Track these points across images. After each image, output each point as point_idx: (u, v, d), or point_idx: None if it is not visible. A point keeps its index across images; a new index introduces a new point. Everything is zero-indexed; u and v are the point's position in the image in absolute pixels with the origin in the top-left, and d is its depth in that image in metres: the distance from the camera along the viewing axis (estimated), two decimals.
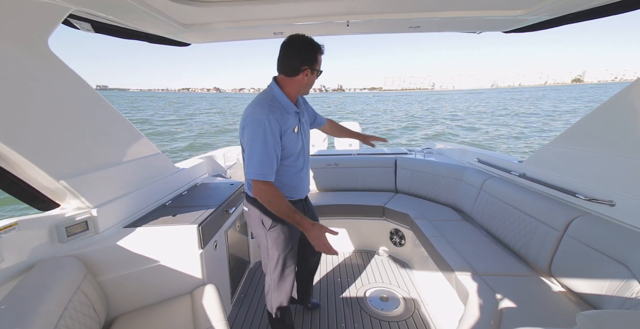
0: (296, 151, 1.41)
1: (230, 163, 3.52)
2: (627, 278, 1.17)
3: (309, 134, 1.54)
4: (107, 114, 1.58)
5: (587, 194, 1.62)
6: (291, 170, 1.43)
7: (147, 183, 1.81)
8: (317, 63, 1.32)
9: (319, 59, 1.33)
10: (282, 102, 1.33)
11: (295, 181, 1.47)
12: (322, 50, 1.33)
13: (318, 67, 1.34)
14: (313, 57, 1.30)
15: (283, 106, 1.33)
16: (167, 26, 1.62)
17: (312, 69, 1.31)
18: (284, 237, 1.46)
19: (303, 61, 1.29)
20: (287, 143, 1.34)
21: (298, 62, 1.28)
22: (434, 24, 1.85)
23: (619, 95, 1.51)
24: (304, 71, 1.30)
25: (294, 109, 1.38)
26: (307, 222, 1.25)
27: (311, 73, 1.33)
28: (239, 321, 1.98)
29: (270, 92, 1.35)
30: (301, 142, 1.44)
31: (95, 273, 1.33)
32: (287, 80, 1.34)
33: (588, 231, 1.45)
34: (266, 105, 1.27)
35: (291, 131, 1.35)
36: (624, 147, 1.48)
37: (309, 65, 1.30)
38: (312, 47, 1.28)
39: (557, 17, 1.64)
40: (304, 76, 1.32)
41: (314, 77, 1.36)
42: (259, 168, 1.24)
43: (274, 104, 1.30)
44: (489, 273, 1.67)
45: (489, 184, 2.32)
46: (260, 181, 1.25)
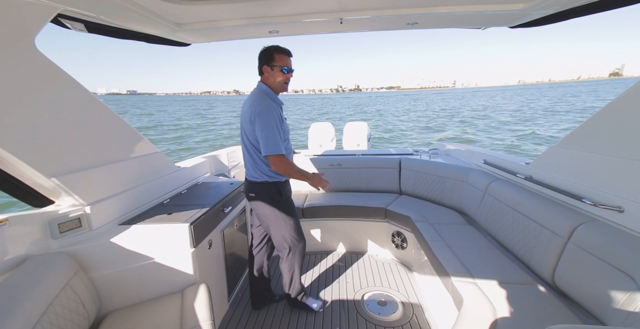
0: (288, 136, 1.75)
1: (234, 163, 3.57)
2: (632, 290, 1.08)
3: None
4: (100, 113, 1.60)
5: (594, 199, 1.51)
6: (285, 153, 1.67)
7: (144, 182, 1.84)
8: (273, 60, 1.60)
9: (275, 56, 1.60)
10: (271, 97, 1.66)
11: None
12: (282, 50, 1.60)
13: (277, 63, 1.60)
14: (268, 56, 1.61)
15: (274, 100, 1.66)
16: (161, 26, 1.64)
17: (269, 66, 1.61)
18: (292, 205, 1.88)
19: (261, 62, 1.64)
20: (284, 128, 1.67)
21: (259, 64, 1.65)
22: (433, 20, 1.80)
23: (631, 91, 1.40)
24: (264, 68, 1.63)
25: (281, 103, 1.71)
26: (309, 173, 1.76)
27: (271, 69, 1.62)
28: (234, 321, 1.98)
29: (261, 91, 1.66)
30: (288, 133, 1.76)
31: (87, 269, 1.36)
32: (261, 82, 1.68)
33: (593, 239, 1.36)
34: (265, 100, 1.61)
35: (284, 119, 1.69)
36: (635, 149, 1.37)
37: (266, 63, 1.61)
38: (268, 49, 1.61)
39: (563, 11, 1.55)
40: (266, 73, 1.64)
41: (277, 72, 1.62)
42: (273, 145, 1.56)
43: (270, 98, 1.64)
44: (487, 279, 1.60)
45: (494, 187, 2.22)
46: (279, 155, 1.59)
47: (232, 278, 2.17)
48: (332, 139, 5.33)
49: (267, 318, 2.01)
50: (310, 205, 2.85)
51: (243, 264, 2.48)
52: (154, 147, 2.02)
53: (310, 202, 2.90)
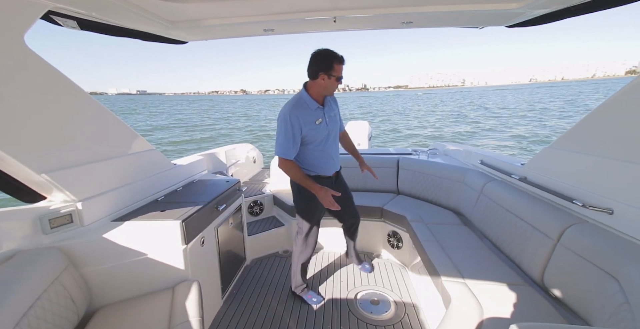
0: (319, 138, 1.81)
1: (232, 161, 3.60)
2: (615, 291, 1.08)
3: (334, 124, 1.89)
4: (93, 110, 1.61)
5: (585, 201, 1.51)
6: (315, 153, 1.85)
7: (138, 178, 1.85)
8: (332, 70, 1.67)
9: (335, 67, 1.66)
10: (306, 101, 1.76)
11: (319, 161, 1.89)
12: (340, 60, 1.66)
13: (334, 73, 1.68)
14: (327, 65, 1.66)
15: (307, 104, 1.75)
16: (155, 23, 1.65)
17: (327, 74, 1.67)
18: (313, 203, 1.91)
19: (320, 68, 1.67)
20: (309, 132, 1.75)
21: (316, 68, 1.68)
22: (428, 19, 1.79)
23: (623, 91, 1.39)
24: (320, 75, 1.68)
25: (316, 105, 1.77)
26: (316, 186, 1.76)
27: (328, 78, 1.69)
28: (227, 317, 2.00)
29: (299, 94, 1.80)
30: (326, 132, 1.83)
31: (78, 264, 1.37)
32: (311, 83, 1.76)
33: (581, 241, 1.35)
34: (291, 105, 1.73)
35: (312, 123, 1.75)
36: (626, 151, 1.36)
37: (324, 71, 1.67)
38: (328, 56, 1.65)
39: (558, 10, 1.55)
40: (322, 80, 1.69)
41: (332, 81, 1.70)
42: (281, 149, 1.74)
43: (299, 103, 1.74)
44: (477, 279, 1.60)
45: (489, 188, 2.21)
46: (282, 158, 1.76)
47: (226, 275, 2.18)
48: None
49: (260, 314, 2.03)
50: None
51: (238, 261, 2.49)
52: (149, 144, 2.04)
53: None
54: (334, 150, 1.94)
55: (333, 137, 1.90)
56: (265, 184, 3.52)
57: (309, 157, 1.85)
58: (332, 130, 1.88)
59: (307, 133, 1.75)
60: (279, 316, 2.01)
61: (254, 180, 3.83)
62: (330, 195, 1.75)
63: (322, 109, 1.81)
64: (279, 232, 2.90)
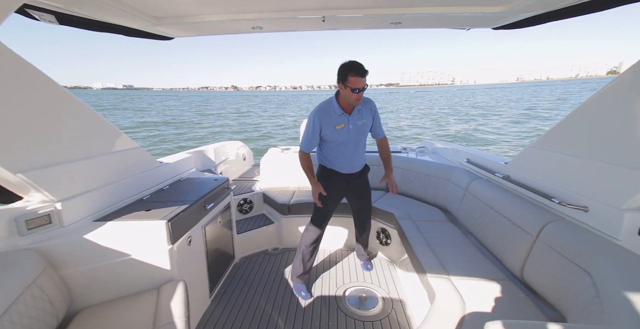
0: (338, 140, 1.97)
1: (222, 158, 3.55)
2: (588, 285, 1.13)
3: (360, 132, 2.00)
4: (72, 108, 1.55)
5: (562, 199, 1.57)
6: (333, 152, 2.03)
7: (122, 177, 1.81)
8: (347, 81, 1.75)
9: (349, 78, 1.73)
10: (332, 106, 1.91)
11: (335, 159, 2.06)
12: (356, 71, 1.71)
13: (349, 84, 1.75)
14: (343, 75, 1.76)
15: (332, 109, 1.91)
16: (138, 19, 1.60)
17: (343, 84, 1.78)
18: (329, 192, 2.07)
19: (339, 78, 1.80)
20: (328, 133, 1.94)
21: (338, 78, 1.82)
22: (416, 20, 1.82)
23: (598, 95, 1.46)
24: (339, 85, 1.82)
25: (341, 112, 1.90)
26: (312, 180, 2.04)
27: (344, 88, 1.78)
28: (215, 316, 1.99)
29: (330, 99, 1.95)
30: (345, 136, 1.96)
31: (58, 266, 1.33)
32: (337, 91, 1.92)
33: (558, 237, 1.41)
34: (319, 107, 1.93)
35: (333, 127, 1.91)
36: (600, 151, 1.43)
37: (340, 81, 1.79)
38: (345, 67, 1.75)
39: (540, 14, 1.61)
40: (341, 89, 1.82)
41: (348, 91, 1.77)
42: (302, 142, 2.03)
43: (325, 107, 1.92)
44: (461, 275, 1.64)
45: (474, 186, 2.27)
46: (300, 149, 2.04)
47: (214, 274, 2.17)
48: None
49: (249, 313, 2.03)
50: (296, 201, 2.86)
51: (227, 259, 2.47)
52: (133, 142, 1.99)
53: (297, 199, 2.91)
54: (354, 154, 2.04)
55: (354, 142, 2.00)
56: (255, 182, 3.50)
57: (328, 153, 2.06)
58: (355, 137, 1.98)
59: (326, 134, 1.94)
60: (267, 314, 2.01)
61: (243, 178, 3.79)
62: (319, 192, 2.02)
63: (347, 116, 1.92)
64: (268, 230, 2.89)
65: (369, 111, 2.01)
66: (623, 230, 1.27)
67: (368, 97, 1.99)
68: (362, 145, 2.08)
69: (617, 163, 1.34)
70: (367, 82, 1.82)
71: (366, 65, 1.73)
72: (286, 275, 2.47)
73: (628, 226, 1.26)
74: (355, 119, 1.94)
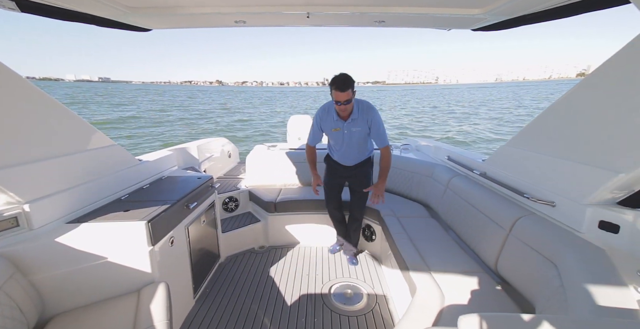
0: (333, 140, 2.28)
1: (206, 155, 3.46)
2: (554, 276, 1.21)
3: (354, 137, 2.17)
4: (40, 103, 1.46)
5: (533, 195, 1.67)
6: (331, 146, 2.37)
7: (98, 176, 1.73)
8: (331, 93, 1.98)
9: (332, 91, 1.95)
10: (330, 110, 2.16)
11: (333, 152, 2.39)
12: (336, 87, 1.91)
13: (333, 97, 1.98)
14: (330, 88, 1.98)
15: (330, 112, 2.17)
16: (109, 8, 1.51)
17: (331, 96, 2.01)
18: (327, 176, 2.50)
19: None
20: (327, 132, 2.25)
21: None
22: (399, 19, 1.85)
23: (565, 97, 1.54)
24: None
25: (336, 117, 2.14)
26: (313, 172, 2.41)
27: (332, 99, 2.02)
28: (199, 317, 1.96)
29: (330, 102, 2.14)
30: (340, 139, 2.21)
31: (27, 271, 1.27)
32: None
33: (529, 231, 1.50)
34: (322, 107, 2.22)
35: (329, 128, 2.19)
36: (566, 150, 1.53)
37: (330, 93, 2.00)
38: (330, 81, 1.96)
39: (516, 18, 1.68)
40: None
41: (334, 103, 2.02)
42: (308, 137, 2.38)
43: (325, 109, 2.19)
44: (440, 269, 1.71)
45: (454, 182, 2.35)
46: (307, 143, 2.41)
47: (198, 274, 2.13)
48: None
49: (234, 312, 2.01)
50: (282, 199, 2.85)
51: (212, 258, 2.44)
52: (109, 139, 1.90)
53: (283, 197, 2.91)
54: (348, 152, 2.28)
55: (347, 145, 2.23)
56: (240, 180, 3.45)
57: (330, 145, 2.40)
58: (349, 141, 2.20)
59: (326, 132, 2.27)
60: (253, 313, 2.01)
61: (229, 175, 3.73)
62: (316, 183, 2.39)
63: (342, 122, 2.14)
64: (255, 228, 2.87)
65: (365, 121, 2.11)
66: (585, 224, 1.37)
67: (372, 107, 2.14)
68: (358, 146, 2.24)
69: (580, 161, 1.43)
70: (356, 79, 1.93)
71: (353, 63, 1.82)
72: (272, 273, 2.47)
73: (590, 219, 1.35)
74: (350, 125, 2.13)
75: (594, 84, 1.39)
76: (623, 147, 1.26)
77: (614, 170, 1.27)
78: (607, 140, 1.33)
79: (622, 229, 1.25)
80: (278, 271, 2.51)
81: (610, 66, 1.30)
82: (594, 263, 1.14)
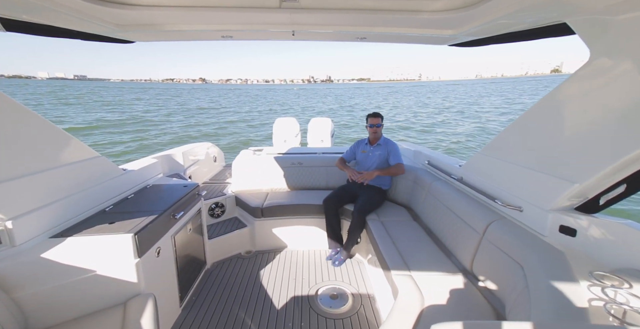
0: (360, 160, 3.11)
1: (191, 161, 3.43)
2: (520, 277, 1.32)
3: (374, 159, 2.97)
4: (18, 117, 1.44)
5: (503, 200, 1.80)
6: (357, 163, 3.20)
7: (81, 189, 1.72)
8: (367, 121, 3.01)
9: (368, 119, 3.00)
10: (365, 140, 3.14)
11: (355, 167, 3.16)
12: (371, 115, 3.00)
13: (368, 122, 2.99)
14: (366, 120, 3.05)
15: (364, 141, 3.15)
16: (97, 27, 1.53)
17: (366, 125, 3.03)
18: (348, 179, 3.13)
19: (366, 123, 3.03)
20: (356, 153, 3.17)
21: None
22: (379, 36, 1.96)
23: (532, 109, 1.68)
24: (366, 127, 3.05)
25: (366, 143, 3.10)
26: (346, 168, 3.08)
27: (366, 127, 3.04)
28: (185, 325, 1.97)
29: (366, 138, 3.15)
30: (364, 158, 3.06)
31: (10, 289, 1.25)
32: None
33: (499, 234, 1.62)
34: (359, 140, 3.22)
35: (359, 151, 3.12)
36: (531, 160, 1.67)
37: (366, 124, 3.04)
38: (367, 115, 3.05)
39: (486, 38, 1.83)
40: (367, 129, 3.03)
41: (368, 127, 3.01)
42: (344, 154, 3.25)
43: (362, 141, 3.17)
44: (421, 272, 1.81)
45: (434, 187, 2.47)
46: (341, 157, 3.23)
47: (184, 282, 2.13)
48: (297, 135, 5.33)
49: (221, 319, 2.03)
50: (269, 204, 2.88)
51: (198, 265, 2.43)
52: (92, 151, 1.88)
53: (270, 202, 2.94)
54: (364, 169, 2.98)
55: (367, 164, 3.01)
56: (226, 185, 3.45)
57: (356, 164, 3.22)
58: (369, 161, 2.99)
59: (356, 153, 3.16)
60: (240, 320, 2.03)
61: (215, 180, 3.71)
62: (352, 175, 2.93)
63: (369, 147, 3.03)
64: (241, 234, 2.89)
65: (385, 150, 2.94)
66: (548, 228, 1.50)
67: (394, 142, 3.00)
68: (373, 168, 2.94)
69: (542, 171, 1.58)
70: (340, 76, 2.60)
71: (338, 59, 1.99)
72: (259, 277, 2.50)
73: (551, 224, 1.49)
74: (374, 150, 2.99)
75: (556, 101, 1.53)
76: (577, 160, 1.40)
77: (570, 180, 1.41)
78: (565, 153, 1.47)
79: (578, 232, 1.39)
80: (265, 275, 2.53)
81: (569, 86, 1.44)
82: (554, 265, 1.25)
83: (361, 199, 2.76)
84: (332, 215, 2.79)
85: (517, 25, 1.50)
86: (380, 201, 2.89)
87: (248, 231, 2.92)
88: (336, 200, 2.83)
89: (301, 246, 2.98)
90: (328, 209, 2.80)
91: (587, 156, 1.35)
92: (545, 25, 1.44)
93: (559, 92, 1.48)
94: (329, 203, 2.81)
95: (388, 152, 2.90)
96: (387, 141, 2.98)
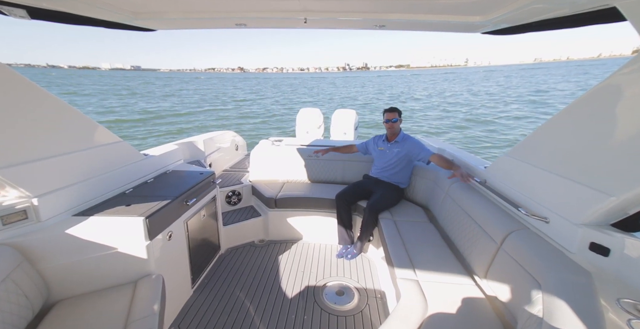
0: (377, 157, 2.94)
1: (212, 149, 3.54)
2: (537, 296, 1.19)
3: (390, 157, 2.80)
4: (47, 104, 1.55)
5: (528, 209, 1.62)
6: (375, 165, 2.97)
7: (103, 172, 1.82)
8: (384, 115, 2.80)
9: (384, 114, 2.79)
10: (382, 136, 2.95)
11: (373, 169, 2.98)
12: (387, 109, 2.79)
13: (384, 118, 2.79)
14: (383, 115, 2.83)
15: (380, 137, 2.96)
16: (116, 14, 1.58)
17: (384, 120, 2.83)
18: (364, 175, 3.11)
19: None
20: (374, 150, 2.97)
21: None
22: (400, 24, 1.83)
23: (566, 110, 1.47)
24: (383, 123, 2.84)
25: (383, 140, 2.92)
26: (330, 149, 3.19)
27: (383, 122, 2.83)
28: (195, 306, 2.06)
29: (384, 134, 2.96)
30: (379, 155, 2.90)
31: (34, 261, 1.37)
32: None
33: (519, 246, 1.47)
34: (377, 135, 3.02)
35: (376, 148, 2.94)
36: (563, 166, 1.47)
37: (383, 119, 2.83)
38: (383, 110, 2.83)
39: (521, 25, 1.64)
40: (384, 124, 2.83)
41: (384, 123, 2.82)
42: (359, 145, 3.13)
43: (379, 136, 2.98)
44: (428, 277, 1.71)
45: (454, 189, 2.31)
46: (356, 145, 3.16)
47: (197, 265, 2.23)
48: (320, 126, 5.26)
49: (228, 303, 2.11)
50: (283, 196, 2.91)
51: (212, 250, 2.53)
52: (115, 136, 2.00)
53: (284, 193, 2.96)
54: (381, 167, 2.86)
55: (384, 161, 2.84)
56: (245, 173, 3.54)
57: (374, 164, 2.98)
58: (386, 158, 2.82)
59: (373, 150, 2.97)
60: (246, 305, 2.10)
61: (235, 168, 3.83)
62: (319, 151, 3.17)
63: (386, 144, 2.85)
64: (256, 222, 2.96)
65: (403, 148, 2.76)
66: (576, 244, 1.32)
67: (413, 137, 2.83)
68: (393, 166, 2.78)
69: (575, 180, 1.38)
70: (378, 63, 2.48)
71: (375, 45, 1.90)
72: (269, 267, 2.55)
73: (581, 240, 1.30)
74: (392, 147, 2.81)
75: (599, 98, 1.31)
76: (619, 170, 1.20)
77: (607, 192, 1.22)
78: (604, 160, 1.27)
79: (612, 253, 1.20)
80: (275, 265, 2.58)
81: (616, 81, 1.22)
82: (578, 286, 1.11)
83: (375, 195, 2.67)
84: (344, 211, 2.74)
85: (555, 10, 1.31)
86: (396, 200, 2.76)
87: (262, 221, 2.99)
88: (349, 196, 2.77)
89: (313, 239, 2.98)
90: (340, 204, 2.75)
91: (631, 165, 1.15)
92: (589, 10, 1.23)
93: (603, 88, 1.26)
94: (341, 199, 2.75)
95: (409, 150, 2.70)
96: (406, 138, 2.78)
